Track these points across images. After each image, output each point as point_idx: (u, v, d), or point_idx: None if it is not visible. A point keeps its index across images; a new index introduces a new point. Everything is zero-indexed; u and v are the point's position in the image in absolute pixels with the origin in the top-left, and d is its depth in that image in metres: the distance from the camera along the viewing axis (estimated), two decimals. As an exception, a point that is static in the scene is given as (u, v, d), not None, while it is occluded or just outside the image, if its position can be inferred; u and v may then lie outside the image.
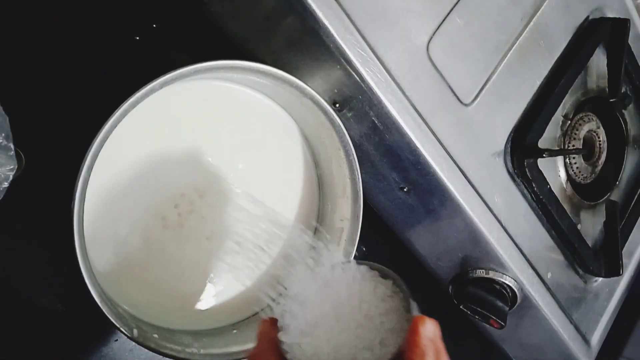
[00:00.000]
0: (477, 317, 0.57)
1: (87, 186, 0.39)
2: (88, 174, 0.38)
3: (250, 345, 0.46)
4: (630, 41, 0.64)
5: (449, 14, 0.49)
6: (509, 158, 0.54)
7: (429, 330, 0.33)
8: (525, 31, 0.55)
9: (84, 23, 0.47)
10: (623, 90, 0.66)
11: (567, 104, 0.60)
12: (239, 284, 0.49)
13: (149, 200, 0.45)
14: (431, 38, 0.49)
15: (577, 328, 0.63)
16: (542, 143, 0.55)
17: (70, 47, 0.47)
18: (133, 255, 0.45)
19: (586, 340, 0.65)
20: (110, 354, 0.48)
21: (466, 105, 0.51)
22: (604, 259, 0.65)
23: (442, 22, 0.49)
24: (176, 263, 0.47)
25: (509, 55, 0.53)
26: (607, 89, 0.64)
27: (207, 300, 0.49)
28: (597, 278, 0.66)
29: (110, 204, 0.43)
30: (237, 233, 0.47)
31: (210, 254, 0.48)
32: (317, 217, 0.53)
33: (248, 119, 0.49)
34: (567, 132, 0.61)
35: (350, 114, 0.48)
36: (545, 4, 0.56)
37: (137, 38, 0.48)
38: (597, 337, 0.67)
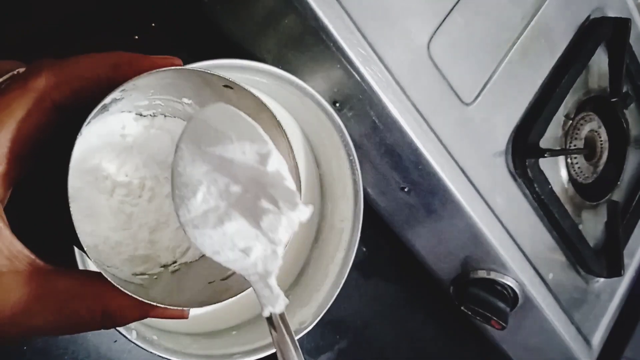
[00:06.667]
0: (478, 318, 0.57)
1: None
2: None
3: (249, 346, 0.45)
4: (631, 41, 0.63)
5: (449, 13, 0.49)
6: (510, 158, 0.54)
7: None
8: (527, 30, 0.54)
9: (82, 22, 0.47)
10: (624, 89, 0.66)
11: (568, 103, 0.60)
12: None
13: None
14: (432, 37, 0.48)
15: (578, 329, 0.63)
16: (543, 143, 0.55)
17: (69, 47, 0.47)
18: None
19: (587, 341, 0.65)
20: (109, 355, 0.48)
21: (467, 104, 0.51)
22: (605, 259, 0.64)
23: (443, 21, 0.49)
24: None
25: (510, 54, 0.53)
26: (608, 89, 0.64)
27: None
28: (598, 278, 0.66)
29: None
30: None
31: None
32: (317, 217, 0.53)
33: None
34: (568, 132, 0.61)
35: (350, 114, 0.48)
36: (546, 3, 0.56)
37: (136, 37, 0.48)
38: (598, 337, 0.67)
